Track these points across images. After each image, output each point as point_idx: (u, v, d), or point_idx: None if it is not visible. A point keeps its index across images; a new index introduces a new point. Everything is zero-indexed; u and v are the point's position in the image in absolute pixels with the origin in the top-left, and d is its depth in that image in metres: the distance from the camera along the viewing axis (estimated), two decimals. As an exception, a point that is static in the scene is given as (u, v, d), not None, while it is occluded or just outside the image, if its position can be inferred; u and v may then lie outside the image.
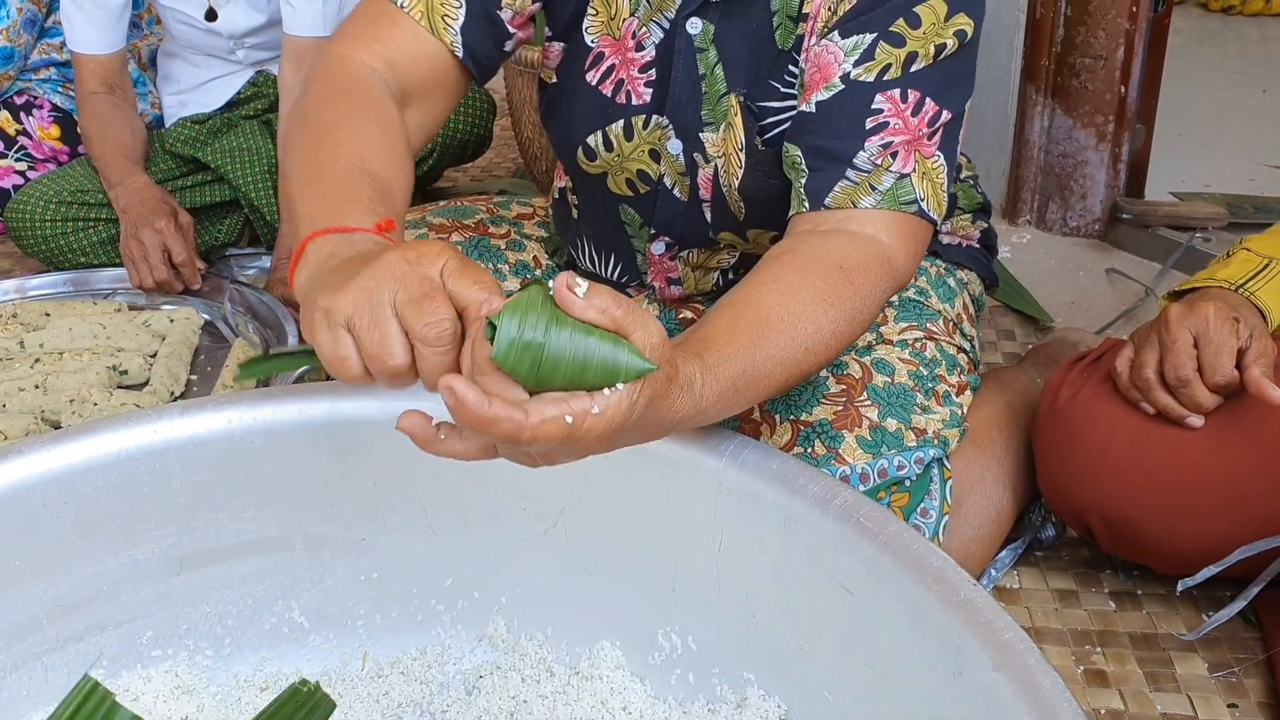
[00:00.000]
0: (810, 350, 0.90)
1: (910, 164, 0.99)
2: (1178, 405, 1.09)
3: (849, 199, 0.99)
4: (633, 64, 1.14)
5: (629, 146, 1.17)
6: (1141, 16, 1.87)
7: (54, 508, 0.94)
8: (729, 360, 0.82)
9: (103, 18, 1.89)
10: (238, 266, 2.00)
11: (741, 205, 1.14)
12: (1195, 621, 1.17)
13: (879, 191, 0.99)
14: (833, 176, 1.00)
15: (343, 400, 0.99)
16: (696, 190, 1.17)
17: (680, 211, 1.20)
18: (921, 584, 0.78)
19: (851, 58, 1.00)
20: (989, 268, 1.37)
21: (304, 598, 1.02)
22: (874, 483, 1.09)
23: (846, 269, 0.93)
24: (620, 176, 1.20)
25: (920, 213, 1.00)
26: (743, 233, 1.19)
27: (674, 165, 1.17)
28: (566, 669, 1.01)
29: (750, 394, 0.86)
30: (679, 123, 1.14)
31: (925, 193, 1.00)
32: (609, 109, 1.16)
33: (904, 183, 0.99)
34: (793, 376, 0.90)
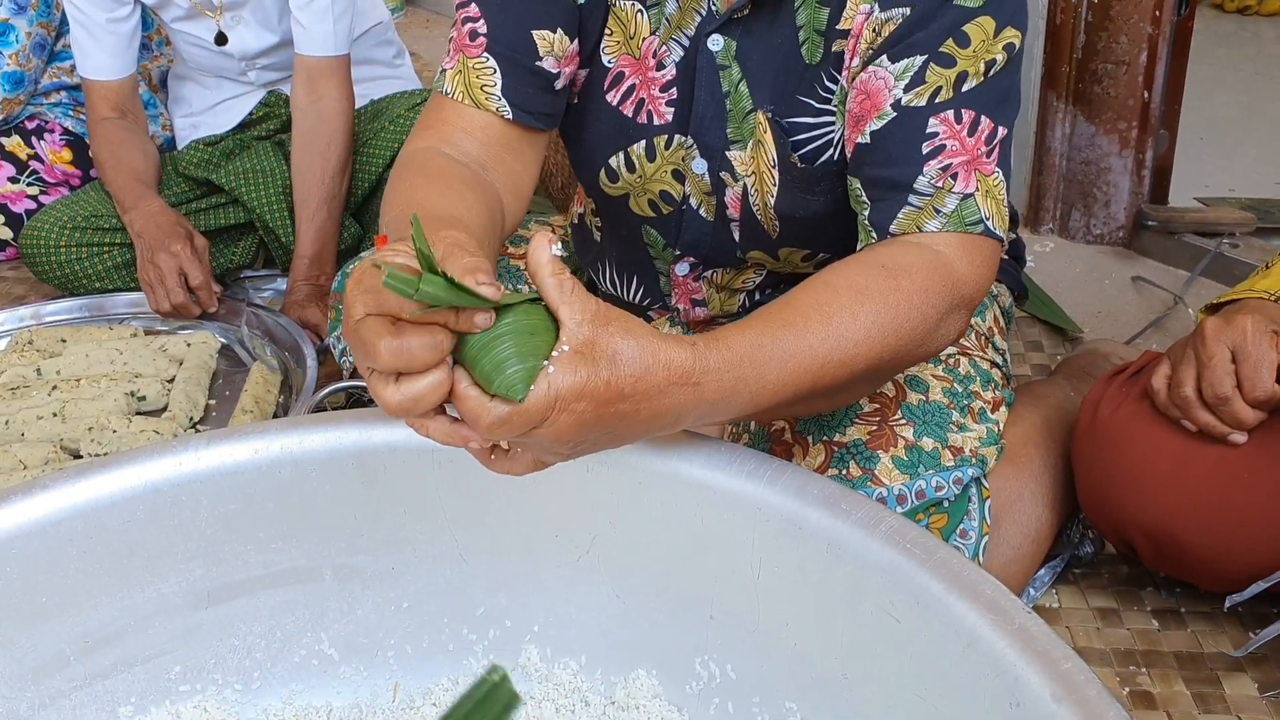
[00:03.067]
0: (847, 337, 0.85)
1: (972, 183, 0.97)
2: (1218, 423, 1.06)
3: (913, 224, 0.97)
4: (653, 83, 1.12)
5: (651, 167, 1.16)
6: (1164, 20, 1.85)
7: (80, 543, 0.92)
8: (737, 336, 0.80)
9: (113, 43, 1.88)
10: (253, 289, 1.99)
11: (776, 224, 1.13)
12: (1242, 639, 1.15)
13: (943, 214, 0.97)
14: (895, 205, 0.98)
15: (371, 429, 0.97)
16: (724, 209, 1.15)
17: (706, 231, 1.18)
18: (973, 612, 0.75)
19: (901, 83, 0.98)
20: (1018, 279, 1.35)
21: (333, 629, 1.00)
22: (912, 504, 1.07)
23: (890, 268, 0.90)
24: (643, 198, 1.18)
25: (986, 231, 0.97)
26: (774, 251, 1.17)
27: (699, 185, 1.15)
28: (602, 698, 0.99)
29: (778, 370, 0.81)
30: (703, 141, 1.12)
31: (990, 211, 0.97)
32: (630, 129, 1.14)
33: (968, 203, 0.97)
34: (832, 364, 0.84)
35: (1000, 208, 0.99)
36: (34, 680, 0.91)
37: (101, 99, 1.92)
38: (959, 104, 0.97)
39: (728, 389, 0.78)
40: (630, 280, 1.29)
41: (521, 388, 0.69)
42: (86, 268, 1.88)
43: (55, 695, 0.92)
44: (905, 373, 1.13)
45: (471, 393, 0.70)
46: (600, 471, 0.93)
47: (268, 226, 1.93)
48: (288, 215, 1.91)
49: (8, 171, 2.13)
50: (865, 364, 0.87)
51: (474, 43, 1.10)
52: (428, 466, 0.97)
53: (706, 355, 0.77)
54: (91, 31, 1.87)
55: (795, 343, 0.83)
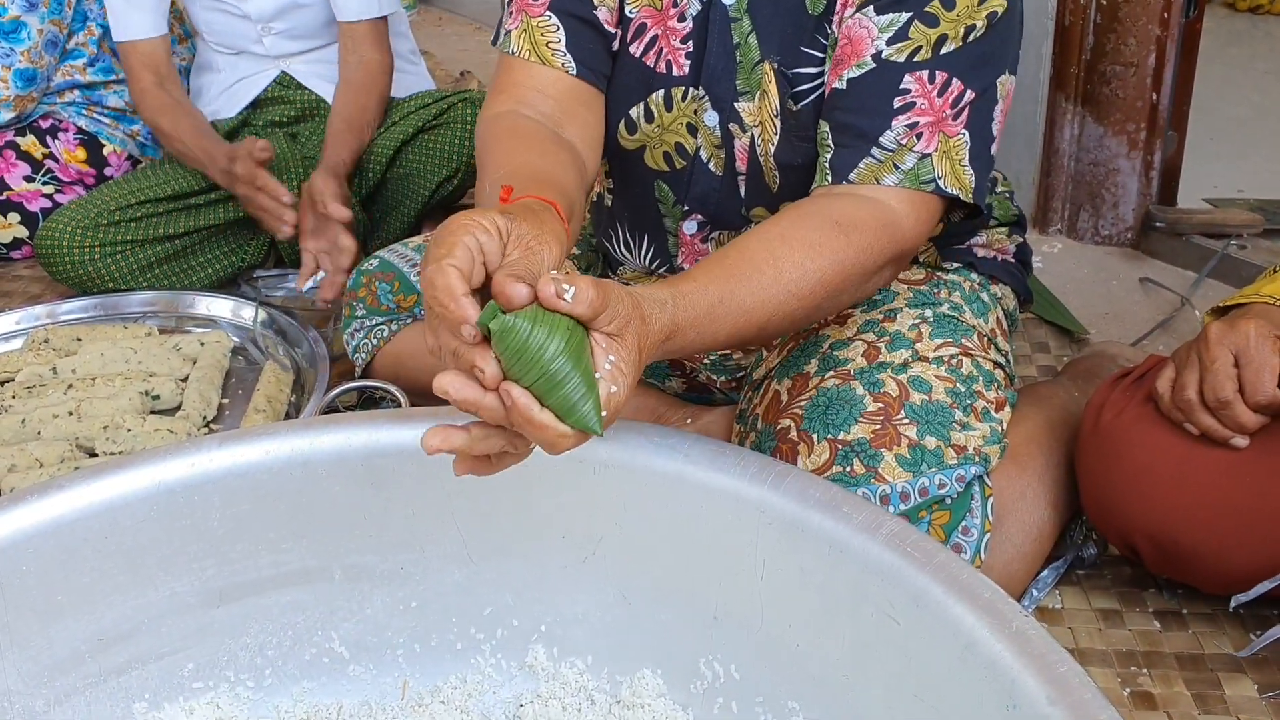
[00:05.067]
0: (794, 293, 0.93)
1: (934, 144, 1.02)
2: (1221, 427, 1.07)
3: (872, 176, 1.02)
4: (674, 34, 1.15)
5: (669, 118, 1.18)
6: (1173, 22, 1.85)
7: (95, 542, 0.94)
8: (701, 292, 0.87)
9: (147, 2, 1.98)
10: (265, 288, 2.01)
11: (776, 174, 1.16)
12: (1243, 641, 1.15)
13: (901, 170, 1.02)
14: (858, 154, 1.02)
15: (380, 430, 0.99)
16: (733, 163, 1.18)
17: (715, 187, 1.21)
18: (971, 614, 0.77)
19: (885, 35, 1.02)
20: (1024, 283, 1.35)
21: (343, 628, 1.02)
22: (915, 501, 1.08)
23: (842, 224, 0.96)
24: (658, 150, 1.21)
25: (937, 190, 1.03)
26: (775, 206, 1.19)
27: (710, 138, 1.18)
28: (608, 697, 1.00)
29: (731, 323, 0.89)
30: (714, 93, 1.16)
31: (944, 170, 1.03)
32: (651, 79, 1.17)
33: (925, 162, 1.02)
34: (777, 316, 0.92)
35: (955, 168, 1.03)
36: (50, 677, 0.93)
37: (141, 64, 2.01)
38: (935, 65, 1.02)
39: (690, 341, 0.86)
40: (641, 241, 1.31)
41: (597, 422, 0.75)
42: (100, 269, 1.90)
43: (70, 692, 0.94)
44: (909, 373, 1.14)
45: (546, 418, 0.73)
46: (606, 474, 0.94)
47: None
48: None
49: (23, 170, 2.15)
50: (804, 313, 0.95)
51: (537, 2, 1.13)
52: (436, 468, 0.98)
53: (677, 313, 0.84)
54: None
55: (749, 298, 0.90)
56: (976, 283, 1.28)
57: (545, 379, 0.72)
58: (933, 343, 1.18)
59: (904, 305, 1.22)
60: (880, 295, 1.24)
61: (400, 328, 1.44)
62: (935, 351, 1.17)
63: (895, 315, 1.20)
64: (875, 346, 1.17)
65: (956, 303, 1.24)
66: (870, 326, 1.20)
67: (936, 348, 1.18)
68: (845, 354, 1.17)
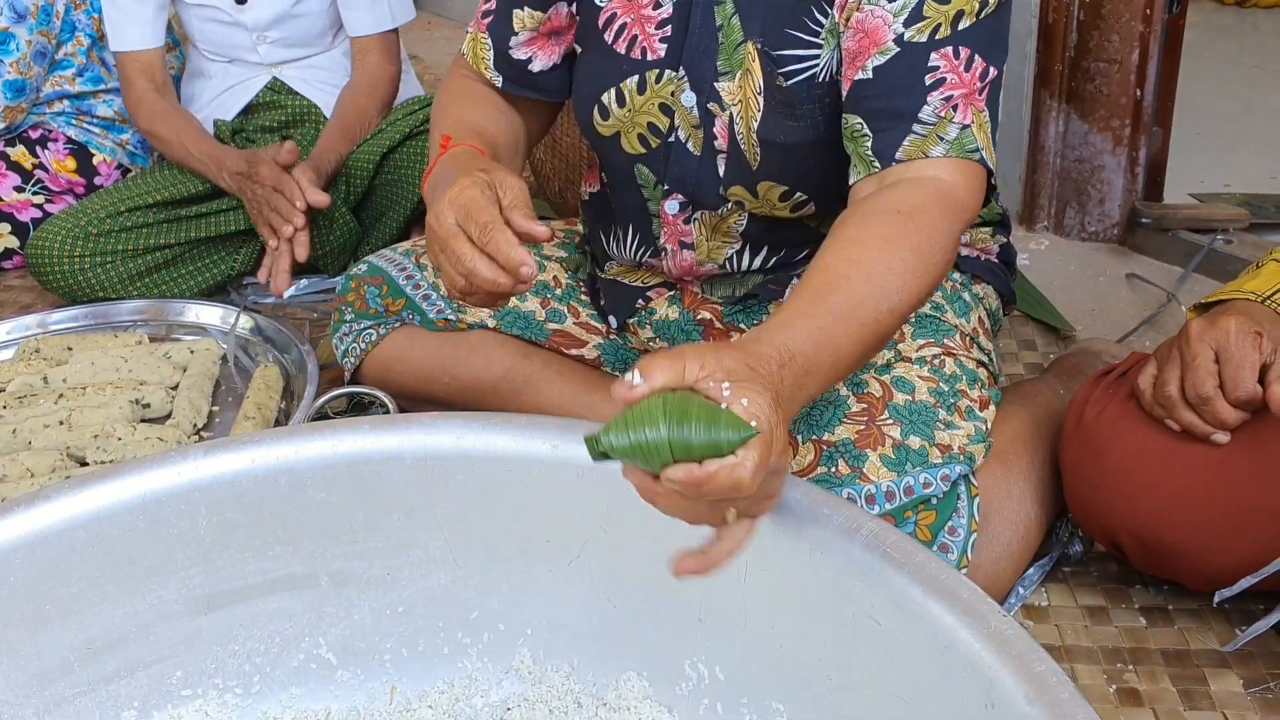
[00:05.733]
0: (887, 290, 0.91)
1: (969, 115, 1.03)
2: (1202, 423, 1.07)
3: (919, 150, 1.02)
4: (648, 21, 1.18)
5: (640, 100, 1.20)
6: (1156, 18, 1.86)
7: (82, 551, 0.94)
8: (794, 311, 0.87)
9: (144, 14, 2.00)
10: (254, 295, 2.01)
11: (757, 151, 1.16)
12: (1228, 636, 1.16)
13: (946, 141, 1.02)
14: (900, 133, 1.02)
15: (365, 437, 0.99)
16: (712, 142, 1.19)
17: (693, 166, 1.21)
18: (951, 615, 0.77)
19: (900, 18, 1.03)
20: (1007, 283, 1.36)
21: (331, 634, 1.02)
22: (900, 501, 1.09)
23: (904, 211, 0.96)
24: (632, 133, 1.23)
25: (981, 160, 1.02)
26: (753, 186, 1.19)
27: (688, 118, 1.19)
28: (594, 700, 1.00)
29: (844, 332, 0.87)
30: (694, 74, 1.17)
31: (983, 142, 1.03)
32: (623, 65, 1.20)
33: (966, 133, 1.02)
34: (880, 321, 0.91)
35: (989, 143, 1.04)
36: (38, 686, 0.93)
37: (137, 72, 2.03)
38: (956, 41, 1.02)
39: (818, 362, 0.84)
40: (626, 230, 1.32)
41: (745, 428, 0.72)
42: (91, 278, 1.90)
43: (59, 701, 0.94)
44: (891, 373, 1.15)
45: (711, 465, 0.72)
46: (590, 478, 0.95)
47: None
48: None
49: (13, 181, 2.15)
50: (909, 302, 0.94)
51: (484, 20, 1.28)
52: (421, 474, 1.00)
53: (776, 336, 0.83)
54: (120, 6, 1.99)
55: (846, 304, 0.89)
56: (958, 282, 1.28)
57: (677, 450, 0.73)
58: (915, 343, 1.19)
59: None
60: None
61: (388, 331, 1.45)
62: (918, 351, 1.18)
63: None
64: None
65: (937, 302, 1.24)
66: None
67: (919, 347, 1.18)
68: None
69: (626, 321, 1.39)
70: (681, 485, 0.73)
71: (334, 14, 2.08)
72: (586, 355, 1.43)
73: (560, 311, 1.43)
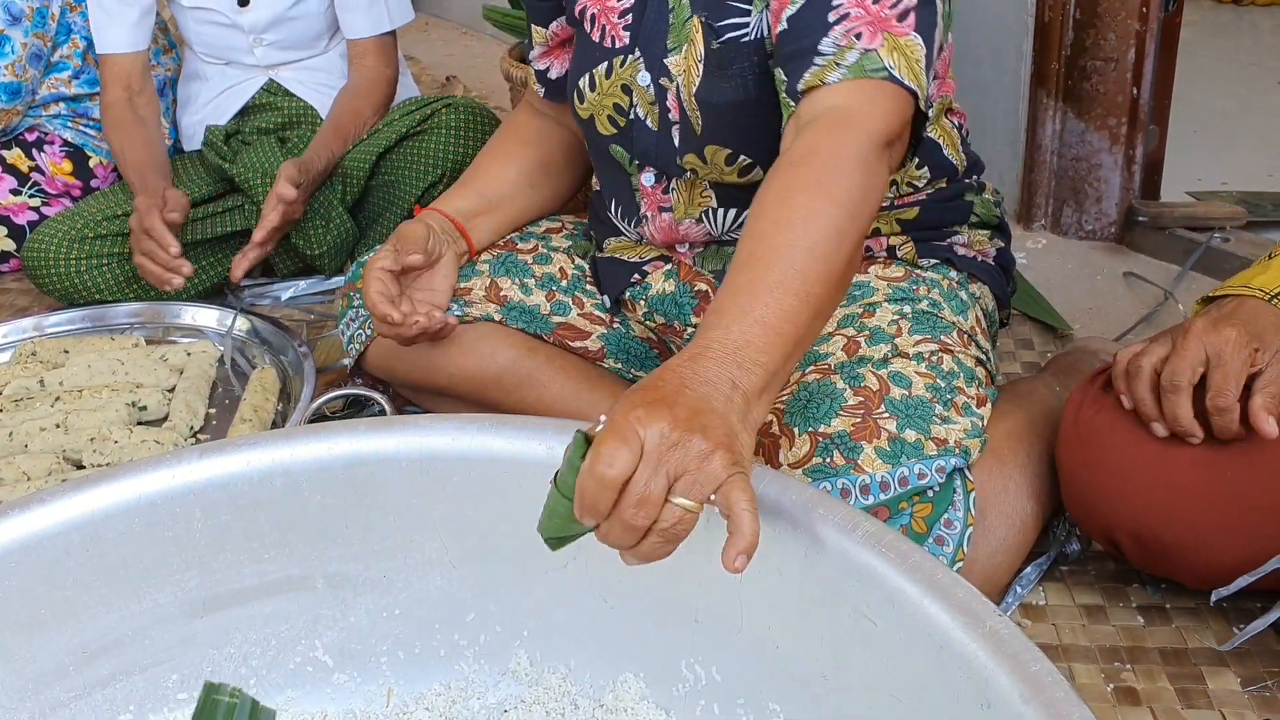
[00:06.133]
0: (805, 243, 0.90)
1: (877, 40, 1.03)
2: (1152, 405, 1.07)
3: (818, 79, 1.04)
4: (612, 11, 1.28)
5: (607, 84, 1.30)
6: (1152, 17, 1.86)
7: (77, 555, 0.94)
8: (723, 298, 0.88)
9: (128, 16, 2.00)
10: (251, 298, 2.01)
11: (699, 115, 1.22)
12: (1226, 635, 1.16)
13: (844, 66, 1.03)
14: (803, 66, 1.05)
15: (361, 439, 0.99)
16: (666, 114, 1.26)
17: (653, 140, 1.29)
18: (946, 614, 0.77)
19: None
20: (1003, 285, 1.36)
21: (327, 636, 1.02)
22: (895, 491, 1.09)
23: (798, 161, 0.97)
24: (602, 115, 1.32)
25: (890, 78, 1.02)
26: (701, 150, 1.25)
27: (644, 95, 1.27)
28: (591, 701, 1.00)
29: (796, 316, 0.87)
30: (649, 53, 1.25)
31: (895, 62, 1.03)
32: (596, 53, 1.30)
33: (869, 55, 1.03)
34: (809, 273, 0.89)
35: (912, 65, 1.03)
36: (33, 690, 0.93)
37: (114, 77, 2.03)
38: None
39: (756, 334, 0.85)
40: (615, 202, 1.39)
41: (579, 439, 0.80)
42: (88, 281, 1.90)
43: (55, 705, 0.94)
44: (889, 368, 1.15)
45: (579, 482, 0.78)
46: (585, 479, 0.95)
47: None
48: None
49: (9, 184, 2.15)
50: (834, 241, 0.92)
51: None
52: (417, 475, 0.99)
53: (707, 331, 0.85)
54: (106, 8, 1.99)
55: (771, 275, 0.88)
56: (955, 280, 1.29)
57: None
58: (912, 338, 1.19)
59: (883, 300, 1.23)
60: (859, 290, 1.25)
61: None
62: (915, 347, 1.18)
63: (874, 310, 1.22)
64: (855, 341, 1.18)
65: (935, 299, 1.24)
66: (850, 321, 1.21)
67: (916, 343, 1.18)
68: (825, 348, 1.18)
69: (621, 298, 1.42)
70: (580, 514, 0.78)
71: (331, 16, 2.08)
72: (590, 346, 1.44)
73: (565, 304, 1.44)
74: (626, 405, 0.78)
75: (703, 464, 0.77)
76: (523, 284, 1.42)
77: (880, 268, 1.29)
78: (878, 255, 1.31)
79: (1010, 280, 1.40)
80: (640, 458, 0.76)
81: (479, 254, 1.45)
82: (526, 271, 1.44)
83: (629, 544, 0.79)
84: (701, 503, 0.78)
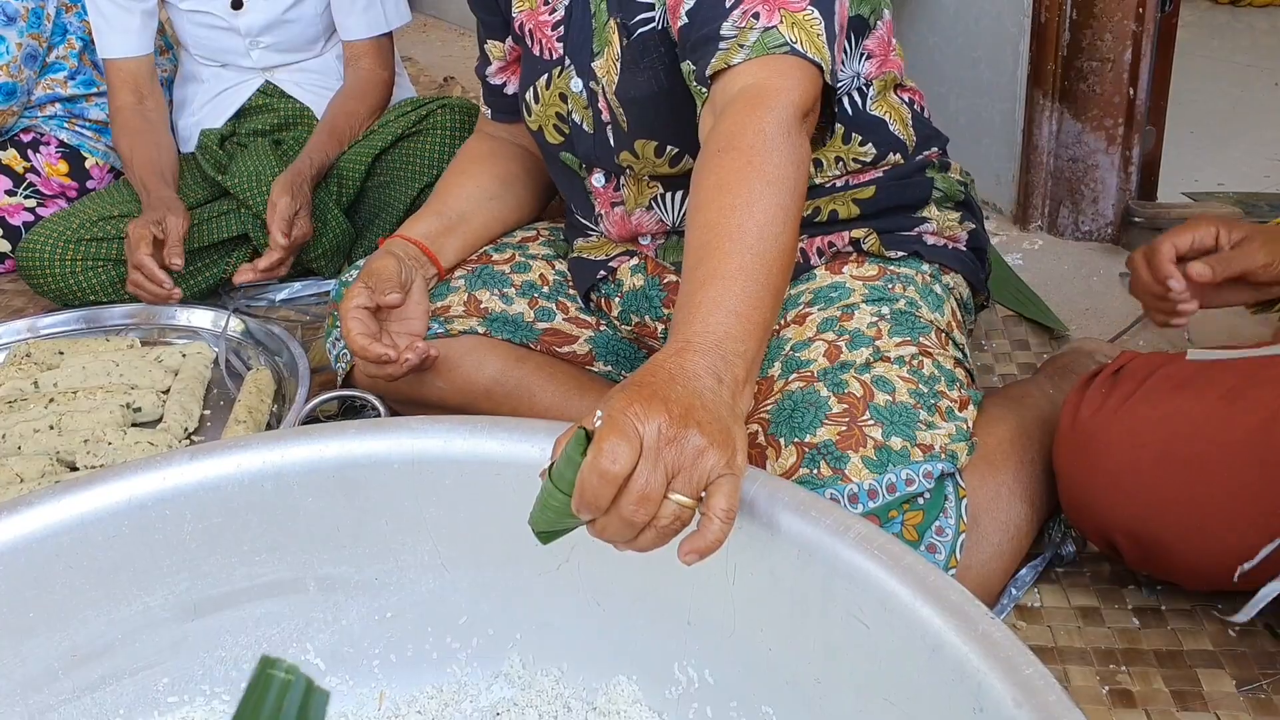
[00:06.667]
0: (745, 232, 0.91)
1: (775, 18, 1.05)
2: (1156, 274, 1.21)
3: (724, 61, 1.05)
4: (544, 25, 1.33)
5: (547, 94, 1.35)
6: (1148, 17, 1.86)
7: (66, 558, 0.94)
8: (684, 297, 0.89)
9: (129, 21, 1.99)
10: (245, 299, 2.01)
11: (622, 113, 1.26)
12: (1221, 636, 1.15)
13: (747, 47, 1.05)
14: (709, 53, 1.06)
15: (352, 441, 0.99)
16: (599, 116, 1.30)
17: (590, 143, 1.33)
18: (938, 617, 0.76)
19: None
20: (977, 273, 1.35)
21: (318, 639, 1.02)
22: (884, 499, 1.08)
23: (724, 147, 0.97)
24: (549, 124, 1.36)
25: (793, 52, 1.04)
26: (631, 146, 1.28)
27: (578, 101, 1.32)
28: (584, 704, 1.00)
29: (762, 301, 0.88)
30: (578, 61, 1.29)
31: (797, 36, 1.04)
32: (538, 66, 1.35)
33: (770, 33, 1.05)
34: (766, 257, 0.90)
35: (813, 38, 1.05)
36: (23, 695, 0.93)
37: (121, 82, 2.02)
38: None
39: (715, 323, 0.86)
40: (574, 207, 1.44)
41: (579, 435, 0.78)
42: (82, 282, 1.90)
43: (44, 709, 0.94)
44: (872, 374, 1.14)
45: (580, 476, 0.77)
46: (577, 481, 0.94)
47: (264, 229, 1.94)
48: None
49: (4, 184, 2.15)
50: (780, 221, 0.93)
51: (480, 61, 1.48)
52: (409, 478, 0.99)
53: (680, 330, 0.86)
54: (105, 13, 1.98)
55: (722, 265, 0.89)
56: (928, 274, 1.28)
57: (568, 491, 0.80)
58: (892, 340, 1.18)
59: (860, 301, 1.23)
60: (835, 292, 1.25)
61: None
62: (896, 350, 1.17)
63: (853, 312, 1.21)
64: (836, 345, 1.17)
65: (912, 298, 1.24)
66: (829, 325, 1.20)
67: (896, 345, 1.18)
68: (807, 355, 1.17)
69: (595, 295, 1.44)
70: (579, 509, 0.78)
71: (328, 19, 2.07)
72: (578, 350, 1.44)
73: (549, 309, 1.44)
74: (623, 400, 0.78)
75: (697, 460, 0.77)
76: (503, 294, 1.42)
77: (854, 267, 1.28)
78: (844, 251, 1.30)
79: (985, 264, 1.39)
80: (640, 454, 0.76)
81: (451, 271, 1.46)
82: (505, 281, 1.44)
83: (626, 539, 0.79)
84: (697, 498, 0.78)
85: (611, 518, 0.77)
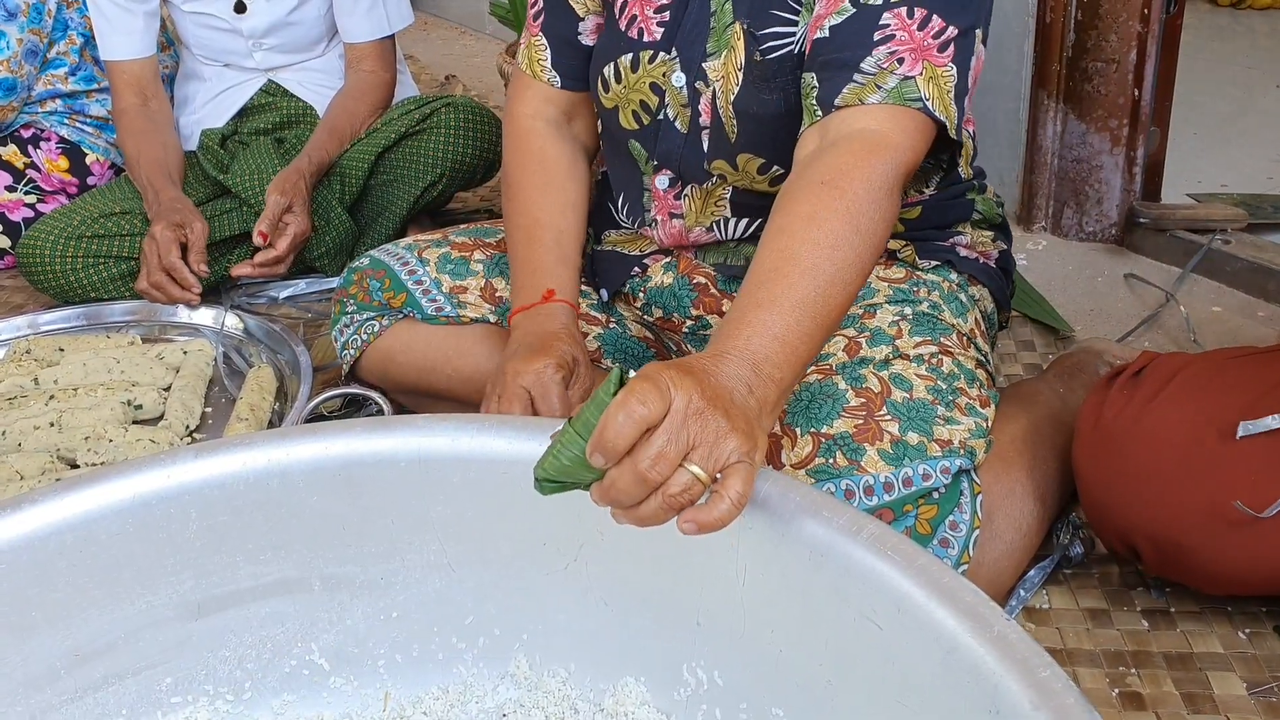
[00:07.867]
0: (822, 267, 0.91)
1: (917, 69, 1.04)
2: None
3: (857, 97, 1.04)
4: (648, 4, 1.25)
5: (633, 78, 1.27)
6: (1154, 18, 1.85)
7: (70, 556, 0.93)
8: (737, 312, 0.88)
9: (128, 22, 1.97)
10: (249, 296, 2.00)
11: (735, 124, 1.21)
12: (1231, 639, 1.15)
13: (884, 90, 1.03)
14: (841, 81, 1.05)
15: (357, 439, 0.98)
16: (697, 119, 1.24)
17: (679, 143, 1.26)
18: (953, 619, 0.76)
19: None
20: (1003, 289, 1.35)
21: (323, 639, 1.01)
22: (899, 492, 1.08)
23: (828, 181, 0.97)
24: (628, 109, 1.29)
25: (925, 110, 1.03)
26: (733, 159, 1.23)
27: (677, 97, 1.24)
28: (591, 705, 0.99)
29: (811, 338, 0.89)
30: (686, 55, 1.22)
31: (930, 94, 1.04)
32: (622, 43, 1.27)
33: (909, 83, 1.04)
34: (829, 299, 0.91)
35: (944, 95, 1.05)
36: (25, 694, 0.92)
37: (125, 84, 2.00)
38: (912, 2, 1.05)
39: (773, 351, 0.86)
40: (620, 197, 1.37)
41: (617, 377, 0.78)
42: (83, 278, 1.89)
43: (46, 709, 0.93)
44: (890, 371, 1.14)
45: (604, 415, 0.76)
46: (586, 480, 0.93)
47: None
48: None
49: (5, 180, 2.14)
50: (853, 265, 0.93)
51: (535, 22, 1.35)
52: (414, 476, 0.98)
53: (719, 341, 0.86)
54: (107, 15, 1.96)
55: (791, 294, 0.89)
56: (955, 283, 1.28)
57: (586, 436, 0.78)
58: (912, 339, 1.18)
59: (883, 301, 1.22)
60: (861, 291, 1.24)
61: (392, 323, 1.44)
62: (915, 349, 1.17)
63: (875, 311, 1.21)
64: (856, 341, 1.17)
65: (935, 301, 1.24)
66: (851, 321, 1.20)
67: (916, 345, 1.17)
68: (826, 348, 1.17)
69: (619, 291, 1.41)
70: (593, 451, 0.76)
71: (330, 21, 2.06)
72: (588, 346, 1.43)
73: None
74: (659, 366, 0.78)
75: (719, 440, 0.77)
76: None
77: (881, 268, 1.28)
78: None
79: (1010, 284, 1.39)
80: (667, 414, 0.76)
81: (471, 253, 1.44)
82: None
83: (632, 501, 0.77)
84: (711, 476, 0.77)
85: (624, 469, 0.76)
